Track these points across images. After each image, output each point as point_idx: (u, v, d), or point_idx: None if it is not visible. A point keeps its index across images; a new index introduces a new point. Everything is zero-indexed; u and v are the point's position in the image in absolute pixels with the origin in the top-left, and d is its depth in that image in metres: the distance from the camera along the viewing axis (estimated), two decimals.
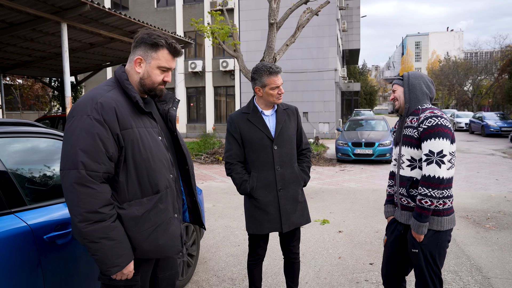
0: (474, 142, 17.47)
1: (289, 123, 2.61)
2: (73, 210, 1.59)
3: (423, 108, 2.15)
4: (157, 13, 23.18)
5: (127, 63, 1.83)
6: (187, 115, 23.73)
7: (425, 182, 2.01)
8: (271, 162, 2.51)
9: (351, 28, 31.93)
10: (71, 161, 1.58)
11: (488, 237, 4.58)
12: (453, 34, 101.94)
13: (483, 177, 8.70)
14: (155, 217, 1.74)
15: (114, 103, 1.66)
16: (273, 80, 2.46)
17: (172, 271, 2.09)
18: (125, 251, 1.67)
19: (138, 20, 8.94)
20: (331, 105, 21.32)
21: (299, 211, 2.60)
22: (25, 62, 12.15)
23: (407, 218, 2.21)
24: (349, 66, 45.78)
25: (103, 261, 1.62)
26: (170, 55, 1.78)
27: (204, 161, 11.95)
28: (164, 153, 1.81)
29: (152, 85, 1.78)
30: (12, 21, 8.07)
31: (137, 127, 1.71)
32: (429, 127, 2.01)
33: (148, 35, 1.75)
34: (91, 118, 1.60)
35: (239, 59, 11.10)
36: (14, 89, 18.60)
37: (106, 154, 1.61)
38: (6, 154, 2.06)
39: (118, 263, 1.64)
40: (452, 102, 49.64)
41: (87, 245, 1.61)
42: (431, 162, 1.99)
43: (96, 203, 1.58)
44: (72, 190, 1.57)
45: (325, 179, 8.88)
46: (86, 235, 1.58)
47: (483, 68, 38.89)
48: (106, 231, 1.60)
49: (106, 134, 1.61)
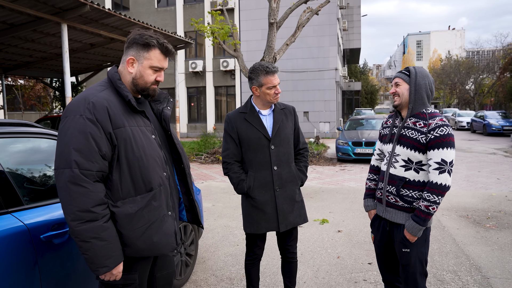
0: (476, 141, 17.43)
1: (286, 123, 2.62)
2: (66, 208, 1.60)
3: (429, 113, 2.13)
4: (157, 13, 23.21)
5: (120, 64, 1.85)
6: (188, 115, 23.76)
7: (436, 190, 2.03)
8: (268, 161, 2.51)
9: (352, 27, 31.89)
10: (65, 160, 1.60)
11: (488, 236, 4.57)
12: (455, 32, 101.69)
13: (484, 176, 8.68)
14: (149, 214, 1.75)
15: (107, 102, 1.68)
16: (269, 79, 2.46)
17: (169, 270, 2.10)
18: (115, 252, 1.67)
19: (138, 20, 8.96)
20: (331, 104, 21.31)
21: (296, 211, 2.61)
22: (26, 63, 12.19)
23: (392, 215, 2.23)
24: (350, 66, 45.75)
25: (93, 260, 1.64)
26: (162, 55, 1.80)
27: (205, 161, 11.96)
28: (157, 151, 1.82)
29: (144, 85, 1.80)
30: (13, 22, 8.11)
31: (130, 125, 1.73)
32: (441, 136, 2.03)
33: (140, 36, 1.77)
34: (84, 118, 1.62)
35: (239, 59, 11.11)
36: (16, 89, 18.67)
37: (99, 153, 1.63)
38: (4, 154, 2.07)
39: (107, 264, 1.66)
40: (453, 101, 49.50)
41: (78, 243, 1.62)
42: (444, 171, 2.02)
43: (89, 202, 1.59)
44: (65, 189, 1.59)
45: (325, 178, 8.88)
46: (78, 233, 1.60)
47: (485, 67, 38.75)
48: (97, 231, 1.61)
49: (99, 133, 1.63)
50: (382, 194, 2.29)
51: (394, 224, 2.23)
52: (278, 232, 2.66)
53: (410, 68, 2.20)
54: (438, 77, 45.93)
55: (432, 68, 55.97)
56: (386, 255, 2.37)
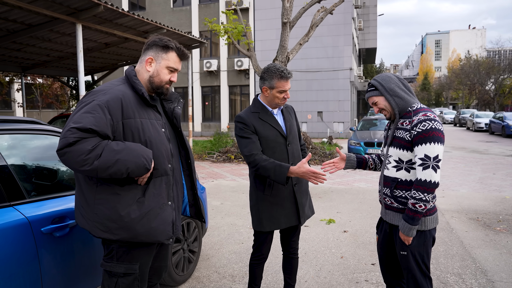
0: (493, 142, 17.02)
1: (293, 121, 2.72)
2: (78, 163, 1.68)
3: (414, 110, 2.11)
4: (173, 13, 23.45)
5: (137, 64, 2.03)
6: (202, 114, 23.93)
7: (420, 187, 1.98)
8: (286, 158, 2.56)
9: (368, 27, 31.54)
10: (63, 133, 1.70)
11: (498, 240, 4.48)
12: (475, 32, 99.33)
13: (499, 178, 8.48)
14: (149, 200, 1.87)
15: (121, 94, 1.85)
16: (282, 84, 2.49)
17: (161, 263, 2.19)
18: (139, 147, 1.81)
19: (151, 20, 9.08)
20: (345, 104, 21.13)
21: (308, 204, 2.73)
22: (44, 62, 12.49)
23: (391, 217, 2.21)
24: (365, 65, 45.26)
25: (136, 165, 1.76)
26: (178, 58, 2.00)
27: (216, 160, 12.03)
28: (165, 144, 1.96)
29: (160, 83, 1.98)
30: (30, 22, 8.33)
31: (140, 117, 1.88)
32: (423, 131, 1.98)
33: (160, 39, 1.98)
34: (95, 102, 1.76)
35: (253, 58, 11.13)
36: (35, 88, 19.15)
37: (94, 129, 1.71)
38: (8, 149, 2.15)
39: (145, 157, 1.80)
40: (473, 101, 48.39)
41: (116, 172, 1.73)
42: (428, 167, 1.97)
43: (89, 144, 1.69)
44: (66, 152, 1.67)
45: (335, 178, 8.83)
46: (103, 168, 1.70)
47: (507, 67, 37.77)
48: (113, 149, 1.73)
49: (102, 115, 1.74)
50: (380, 196, 2.29)
51: (394, 226, 2.21)
52: (283, 228, 2.68)
53: (372, 83, 2.20)
54: (456, 77, 44.96)
55: (451, 68, 54.82)
56: (387, 258, 2.35)
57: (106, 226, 1.81)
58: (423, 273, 2.11)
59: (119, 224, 1.81)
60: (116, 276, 1.89)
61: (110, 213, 1.80)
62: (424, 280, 2.11)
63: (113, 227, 1.81)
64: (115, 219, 1.80)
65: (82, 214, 1.88)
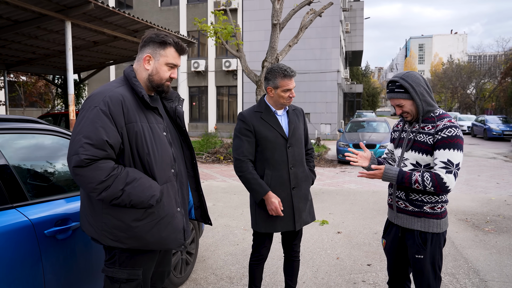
0: (476, 145, 17.45)
1: (299, 124, 2.67)
2: (88, 188, 1.68)
3: (437, 115, 2.09)
4: (161, 12, 23.25)
5: (135, 63, 1.94)
6: (189, 114, 23.79)
7: (436, 181, 1.97)
8: (285, 161, 2.54)
9: (355, 30, 31.90)
10: (74, 148, 1.66)
11: (487, 240, 4.59)
12: (457, 37, 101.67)
13: (483, 180, 8.70)
14: (158, 210, 1.81)
15: (122, 97, 1.76)
16: (286, 83, 2.48)
17: (165, 269, 2.15)
18: (150, 181, 1.78)
19: (142, 19, 8.99)
20: (333, 106, 21.33)
21: (308, 209, 2.67)
22: (29, 60, 12.23)
23: (404, 221, 2.19)
24: (352, 68, 45.76)
25: (140, 201, 1.73)
26: (176, 53, 1.91)
27: (205, 160, 11.98)
28: (167, 149, 1.88)
29: (160, 81, 1.90)
30: (17, 18, 8.14)
31: (141, 122, 1.80)
32: (449, 137, 1.99)
33: (156, 35, 1.88)
34: (98, 109, 1.70)
35: (242, 59, 11.13)
36: (18, 86, 18.71)
37: (108, 142, 1.68)
38: (10, 150, 2.09)
39: (152, 192, 1.76)
40: (455, 105, 49.50)
41: (120, 202, 1.70)
42: (450, 172, 1.97)
43: (102, 173, 1.66)
44: (77, 173, 1.66)
45: (326, 180, 8.90)
46: (110, 197, 1.68)
47: (487, 71, 38.77)
48: (123, 181, 1.70)
49: (110, 124, 1.70)
50: (392, 200, 2.26)
51: (406, 230, 2.20)
52: (285, 231, 2.67)
53: (402, 83, 2.08)
54: (439, 81, 45.88)
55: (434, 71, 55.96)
56: (396, 262, 2.33)
57: (115, 236, 1.76)
58: (435, 275, 2.13)
59: (128, 234, 1.76)
60: (118, 282, 1.82)
61: (119, 223, 1.75)
62: (434, 282, 2.14)
63: (123, 237, 1.76)
64: (124, 229, 1.75)
65: (89, 222, 1.82)
